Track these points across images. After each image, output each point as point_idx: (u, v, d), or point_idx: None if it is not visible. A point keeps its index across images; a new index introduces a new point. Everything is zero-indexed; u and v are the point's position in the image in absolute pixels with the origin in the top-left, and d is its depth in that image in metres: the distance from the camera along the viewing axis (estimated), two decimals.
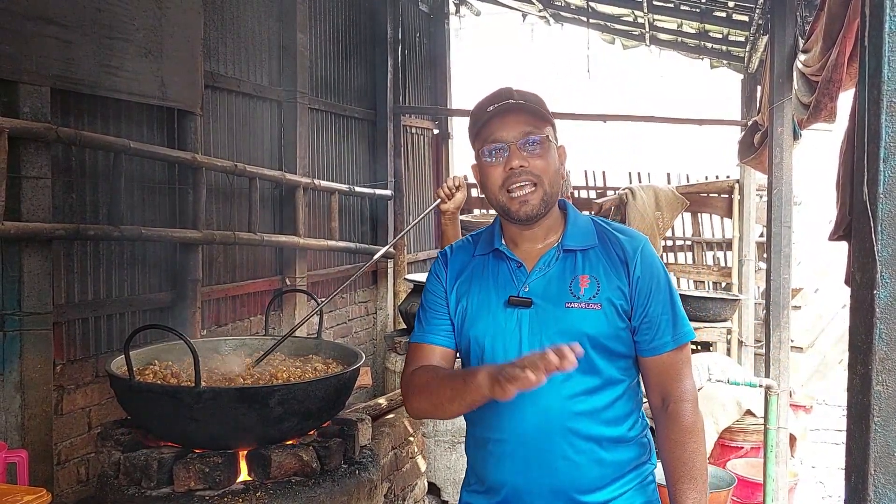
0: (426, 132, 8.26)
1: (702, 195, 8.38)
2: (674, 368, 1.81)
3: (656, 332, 1.79)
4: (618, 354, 1.79)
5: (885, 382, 1.21)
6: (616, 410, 1.81)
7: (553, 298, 1.78)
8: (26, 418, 3.17)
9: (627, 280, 1.79)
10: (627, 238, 1.84)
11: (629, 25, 7.72)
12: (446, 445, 5.09)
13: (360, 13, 6.72)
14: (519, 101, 1.79)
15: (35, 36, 3.17)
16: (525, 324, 1.79)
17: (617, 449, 1.81)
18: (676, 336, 1.80)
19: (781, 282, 4.24)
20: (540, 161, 1.77)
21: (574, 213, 1.91)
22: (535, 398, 1.74)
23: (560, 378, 1.70)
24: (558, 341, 1.66)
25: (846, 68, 2.75)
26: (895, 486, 1.20)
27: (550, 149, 1.80)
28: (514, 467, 1.81)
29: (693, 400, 1.81)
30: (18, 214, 3.13)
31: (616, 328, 1.77)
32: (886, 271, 1.19)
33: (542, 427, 1.77)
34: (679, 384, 1.81)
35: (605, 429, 1.79)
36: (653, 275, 1.80)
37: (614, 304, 1.77)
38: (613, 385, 1.80)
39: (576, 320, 1.76)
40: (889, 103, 1.19)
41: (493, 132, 1.79)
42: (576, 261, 1.82)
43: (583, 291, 1.78)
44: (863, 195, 1.21)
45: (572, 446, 1.77)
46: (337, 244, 5.94)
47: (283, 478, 2.61)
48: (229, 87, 4.72)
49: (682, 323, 1.82)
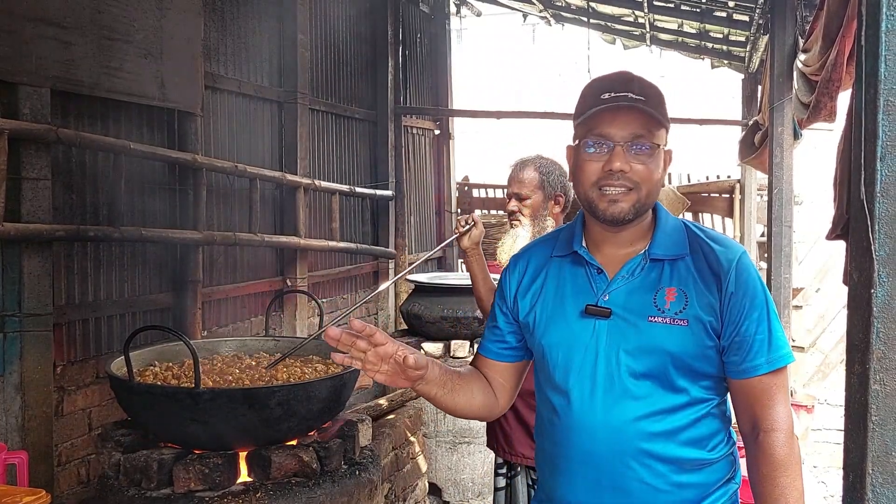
0: (427, 133, 8.26)
1: (703, 195, 8.38)
2: (766, 394, 1.63)
3: (748, 354, 1.61)
4: (704, 374, 1.65)
5: (882, 381, 1.21)
6: (698, 430, 1.66)
7: (635, 311, 1.64)
8: (26, 419, 3.17)
9: (719, 296, 1.62)
10: (722, 248, 1.66)
11: (630, 25, 7.71)
12: (447, 446, 5.09)
13: (361, 14, 6.72)
14: (638, 96, 1.61)
15: (35, 37, 3.17)
16: (602, 335, 1.65)
17: (700, 472, 1.67)
18: (771, 359, 1.62)
19: (782, 281, 4.24)
20: (642, 167, 1.62)
21: (665, 217, 1.74)
22: (607, 416, 1.64)
23: (635, 395, 1.63)
24: (637, 356, 1.63)
25: (845, 68, 2.75)
26: (893, 485, 1.20)
27: (657, 156, 1.64)
28: (585, 487, 1.68)
29: (787, 430, 1.63)
30: (19, 216, 3.13)
31: (703, 347, 1.62)
32: (883, 270, 1.19)
33: (613, 448, 1.64)
34: (771, 412, 1.62)
35: (685, 450, 1.65)
36: (748, 291, 1.62)
37: (702, 322, 1.61)
38: (696, 405, 1.66)
39: (658, 336, 1.62)
40: (886, 102, 1.18)
41: (600, 125, 1.63)
42: (662, 271, 1.66)
43: (668, 305, 1.63)
44: (860, 194, 1.21)
45: (649, 469, 1.63)
46: (338, 245, 5.94)
47: (284, 478, 2.62)
48: (229, 88, 4.72)
49: (780, 345, 1.63)
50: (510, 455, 2.99)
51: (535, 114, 8.78)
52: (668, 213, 1.76)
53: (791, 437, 1.63)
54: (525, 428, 2.95)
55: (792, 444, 1.62)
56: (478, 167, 13.08)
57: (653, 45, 8.02)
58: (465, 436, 5.07)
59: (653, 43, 7.97)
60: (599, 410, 1.64)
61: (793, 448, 1.62)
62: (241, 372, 2.90)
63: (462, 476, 5.09)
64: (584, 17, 7.74)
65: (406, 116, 7.52)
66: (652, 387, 1.63)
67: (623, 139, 1.61)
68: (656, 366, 1.62)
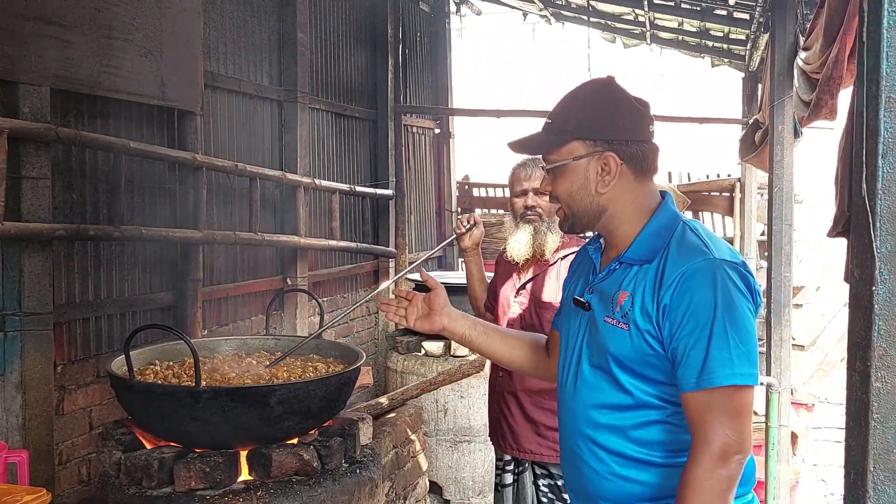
0: (427, 131, 8.26)
1: (703, 194, 8.38)
2: (695, 411, 1.57)
3: (679, 367, 1.59)
4: (650, 379, 1.66)
5: (883, 379, 1.20)
6: (648, 434, 1.67)
7: (600, 308, 1.74)
8: (27, 418, 3.17)
9: (656, 305, 1.62)
10: (677, 259, 1.64)
11: (630, 24, 7.71)
12: (448, 444, 5.09)
13: (361, 12, 6.72)
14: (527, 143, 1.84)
15: (34, 36, 3.17)
16: (584, 326, 1.80)
17: (648, 471, 1.68)
18: (702, 378, 1.55)
19: (782, 280, 4.23)
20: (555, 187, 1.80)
21: (658, 220, 1.74)
22: (570, 398, 1.80)
23: (590, 385, 1.74)
24: (593, 351, 1.75)
25: (846, 65, 2.74)
26: (894, 482, 1.20)
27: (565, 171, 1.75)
28: (563, 459, 1.88)
29: (716, 454, 1.53)
30: (18, 215, 3.13)
31: (643, 353, 1.64)
32: (885, 268, 1.19)
33: (569, 428, 1.81)
34: (700, 429, 1.56)
35: (631, 447, 1.68)
36: (687, 304, 1.58)
37: (640, 328, 1.64)
38: (644, 408, 1.67)
39: (606, 336, 1.70)
40: (887, 99, 1.18)
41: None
42: (627, 274, 1.71)
43: (618, 308, 1.69)
44: (861, 191, 1.21)
45: (594, 455, 1.73)
46: (338, 244, 5.94)
47: (284, 477, 2.61)
48: (229, 87, 4.72)
49: (716, 363, 1.55)
50: (517, 451, 3.01)
51: (535, 113, 8.76)
52: (671, 213, 1.76)
53: (719, 462, 1.53)
54: (532, 425, 2.97)
55: (714, 470, 1.53)
56: (478, 166, 13.10)
57: (653, 43, 8.02)
58: (465, 434, 5.07)
59: (653, 41, 7.96)
60: (568, 392, 1.82)
61: (714, 473, 1.53)
62: (242, 371, 2.90)
63: (463, 474, 5.09)
64: (585, 15, 7.74)
65: (406, 115, 7.52)
66: (603, 381, 1.72)
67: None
68: (603, 363, 1.71)
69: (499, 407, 3.08)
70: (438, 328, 2.02)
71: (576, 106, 1.75)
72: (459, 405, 5.05)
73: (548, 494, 2.98)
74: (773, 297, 4.25)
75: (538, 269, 3.01)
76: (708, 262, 1.60)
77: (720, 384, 1.54)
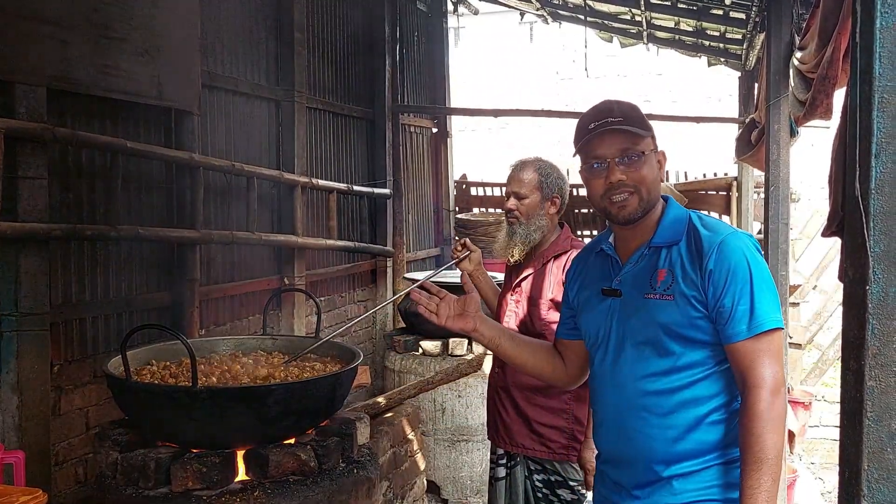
0: (425, 131, 8.26)
1: (700, 192, 8.39)
2: (748, 357, 1.83)
3: (729, 322, 1.84)
4: (697, 341, 1.88)
5: (877, 378, 1.21)
6: (693, 392, 1.89)
7: (637, 289, 1.96)
8: (23, 419, 3.16)
9: (700, 273, 1.87)
10: (708, 233, 1.92)
11: (627, 23, 7.71)
12: (446, 444, 5.09)
13: (358, 12, 6.71)
14: (617, 118, 1.95)
15: (31, 36, 3.16)
16: (616, 312, 2.00)
17: (698, 429, 1.89)
18: (753, 325, 1.82)
19: (779, 278, 4.24)
20: (636, 173, 1.95)
21: (672, 211, 2.02)
22: (614, 376, 1.98)
23: (634, 358, 1.94)
24: (637, 327, 1.95)
25: (841, 65, 2.75)
26: (888, 480, 1.20)
27: (647, 160, 1.97)
28: (608, 436, 2.04)
29: (771, 388, 1.80)
30: (15, 215, 3.13)
31: (689, 317, 1.87)
32: (878, 267, 1.19)
33: (619, 403, 1.98)
34: (754, 371, 1.82)
35: (682, 409, 1.89)
36: (728, 267, 1.85)
37: (686, 296, 1.87)
38: (692, 368, 1.89)
39: (652, 310, 1.91)
40: (880, 99, 1.19)
41: (594, 149, 1.98)
42: (660, 256, 1.96)
43: (659, 284, 1.92)
44: (855, 191, 1.21)
45: (646, 422, 1.92)
46: (336, 243, 5.94)
47: (281, 477, 2.62)
48: (227, 87, 4.72)
49: (762, 312, 1.83)
50: (510, 445, 3.05)
51: (532, 112, 8.78)
52: (678, 206, 2.04)
53: (774, 395, 1.80)
54: (524, 420, 3.01)
55: (773, 401, 1.79)
56: (476, 165, 13.10)
57: (650, 43, 8.03)
58: (463, 434, 5.07)
59: (650, 41, 7.97)
60: (609, 372, 2.00)
61: (774, 404, 1.79)
62: (239, 370, 2.90)
63: (460, 474, 5.10)
64: (582, 15, 7.74)
65: (404, 115, 7.52)
66: (649, 352, 1.92)
67: (613, 155, 1.96)
68: (651, 334, 1.92)
69: (493, 401, 3.16)
70: (471, 328, 2.18)
71: (636, 111, 2.01)
72: (457, 404, 5.05)
73: (542, 489, 3.00)
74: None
75: (533, 268, 3.09)
76: (732, 234, 1.91)
77: (767, 328, 1.82)
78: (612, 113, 1.98)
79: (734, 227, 2.01)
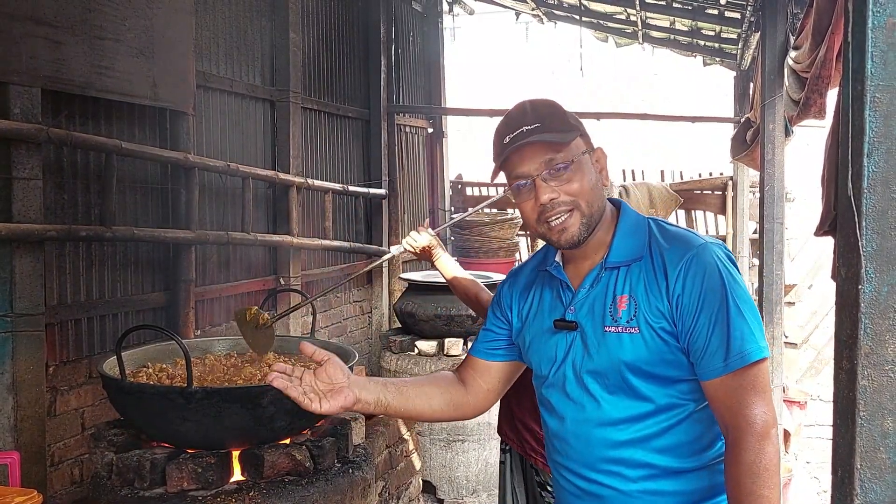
0: (420, 131, 8.26)
1: (695, 192, 8.40)
2: (728, 397, 1.54)
3: (703, 356, 1.56)
4: (670, 379, 1.61)
5: (870, 377, 1.21)
6: (673, 438, 1.62)
7: (595, 321, 1.65)
8: (19, 420, 3.16)
9: (667, 298, 1.58)
10: (674, 248, 1.62)
11: (622, 23, 7.73)
12: (442, 444, 5.09)
13: (354, 12, 6.71)
14: (533, 125, 1.62)
15: (25, 36, 3.16)
16: (577, 348, 1.67)
17: (677, 479, 1.63)
18: (730, 359, 1.53)
19: (774, 278, 4.25)
20: (569, 186, 1.62)
21: (628, 220, 1.71)
22: (576, 426, 1.67)
23: (600, 405, 1.64)
24: (599, 367, 1.63)
25: (835, 64, 2.76)
26: (881, 480, 1.20)
27: (580, 168, 1.64)
28: (570, 493, 1.73)
29: (759, 432, 1.51)
30: (10, 215, 3.12)
31: (659, 353, 1.59)
32: (871, 266, 1.19)
33: (584, 456, 1.68)
34: (737, 414, 1.53)
35: (657, 457, 1.62)
36: (698, 290, 1.56)
37: (653, 327, 1.59)
38: (666, 411, 1.62)
39: (613, 346, 1.61)
40: (872, 98, 1.19)
41: (514, 167, 1.65)
42: (618, 278, 1.65)
43: (620, 314, 1.61)
44: (847, 190, 1.21)
45: (618, 476, 1.64)
46: (331, 243, 5.94)
47: (277, 477, 2.61)
48: (222, 87, 4.71)
49: (740, 342, 1.54)
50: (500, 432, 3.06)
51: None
52: (634, 212, 1.74)
53: (763, 440, 1.52)
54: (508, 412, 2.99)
55: (762, 448, 1.51)
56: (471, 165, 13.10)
57: (645, 42, 8.04)
58: (459, 433, 5.08)
59: (645, 41, 7.98)
60: (570, 421, 1.68)
61: (763, 451, 1.51)
62: (235, 371, 2.90)
63: (456, 474, 5.10)
64: (577, 15, 7.75)
65: (399, 115, 7.52)
66: (615, 396, 1.63)
67: (537, 171, 1.62)
68: (615, 375, 1.62)
69: None
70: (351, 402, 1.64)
71: (554, 110, 1.69)
72: None
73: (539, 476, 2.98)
74: (765, 295, 4.26)
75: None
76: (702, 247, 1.60)
77: (747, 362, 1.53)
78: (524, 119, 1.63)
79: (702, 235, 1.68)
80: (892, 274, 1.19)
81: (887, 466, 1.20)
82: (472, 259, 8.03)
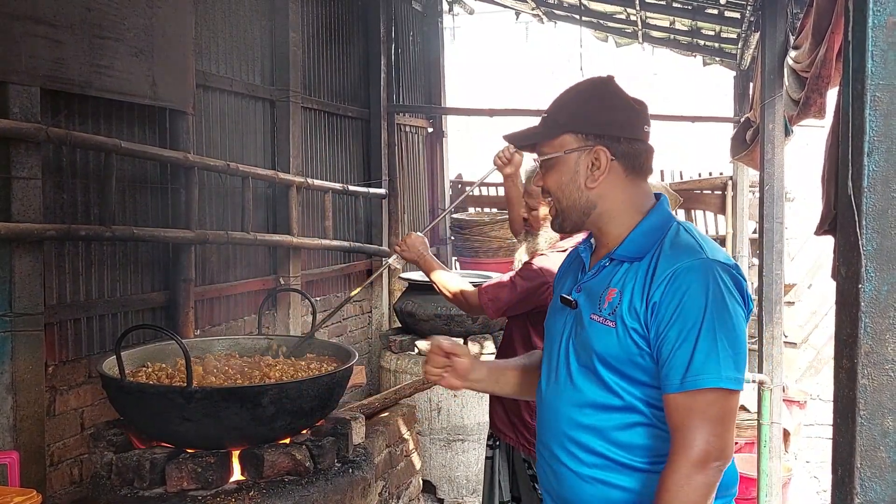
0: (420, 131, 8.26)
1: (695, 192, 8.40)
2: (679, 415, 1.53)
3: (664, 368, 1.56)
4: (635, 381, 1.62)
5: (870, 376, 1.21)
6: (631, 437, 1.63)
7: (588, 306, 1.70)
8: (18, 419, 3.16)
9: (646, 303, 1.59)
10: (671, 256, 1.61)
11: (622, 23, 7.72)
12: (441, 443, 5.09)
13: (353, 11, 6.71)
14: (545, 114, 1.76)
15: (24, 36, 3.15)
16: (569, 325, 1.74)
17: (630, 476, 1.63)
18: (686, 378, 1.51)
19: (774, 277, 4.24)
20: (546, 178, 1.75)
21: (651, 219, 1.71)
22: (552, 398, 1.74)
23: (574, 384, 1.69)
24: (579, 349, 1.69)
25: (835, 64, 2.76)
26: (881, 479, 1.21)
27: (557, 165, 1.71)
28: (540, 464, 1.81)
29: (696, 459, 1.49)
30: (9, 215, 3.12)
31: (629, 352, 1.60)
32: (871, 265, 1.19)
33: (550, 429, 1.74)
34: (680, 434, 1.52)
35: (613, 450, 1.64)
36: (679, 303, 1.54)
37: (627, 326, 1.60)
38: (632, 411, 1.63)
39: (591, 333, 1.65)
40: (873, 98, 1.19)
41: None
42: (617, 272, 1.68)
43: (605, 305, 1.65)
44: (847, 189, 1.21)
45: (574, 457, 1.68)
46: (331, 243, 5.93)
47: (277, 477, 2.62)
48: (221, 86, 4.71)
49: (703, 364, 1.51)
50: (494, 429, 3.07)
51: (528, 112, 8.76)
52: (664, 214, 1.74)
53: (697, 468, 1.49)
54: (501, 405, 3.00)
55: (692, 476, 1.49)
56: (471, 165, 13.09)
57: (645, 42, 8.04)
58: (459, 433, 5.08)
59: (645, 40, 7.98)
60: (551, 392, 1.77)
61: (691, 479, 1.49)
62: (235, 370, 2.90)
63: (456, 473, 5.10)
64: (577, 14, 7.75)
65: (399, 114, 7.52)
66: (587, 381, 1.67)
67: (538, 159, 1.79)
68: (589, 362, 1.67)
69: None
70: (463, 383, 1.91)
71: (570, 100, 1.75)
72: (453, 404, 5.05)
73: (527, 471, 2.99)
74: (764, 294, 4.26)
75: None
76: (701, 262, 1.58)
77: (704, 386, 1.51)
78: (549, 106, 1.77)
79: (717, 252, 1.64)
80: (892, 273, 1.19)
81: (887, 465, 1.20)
82: (472, 259, 8.04)
